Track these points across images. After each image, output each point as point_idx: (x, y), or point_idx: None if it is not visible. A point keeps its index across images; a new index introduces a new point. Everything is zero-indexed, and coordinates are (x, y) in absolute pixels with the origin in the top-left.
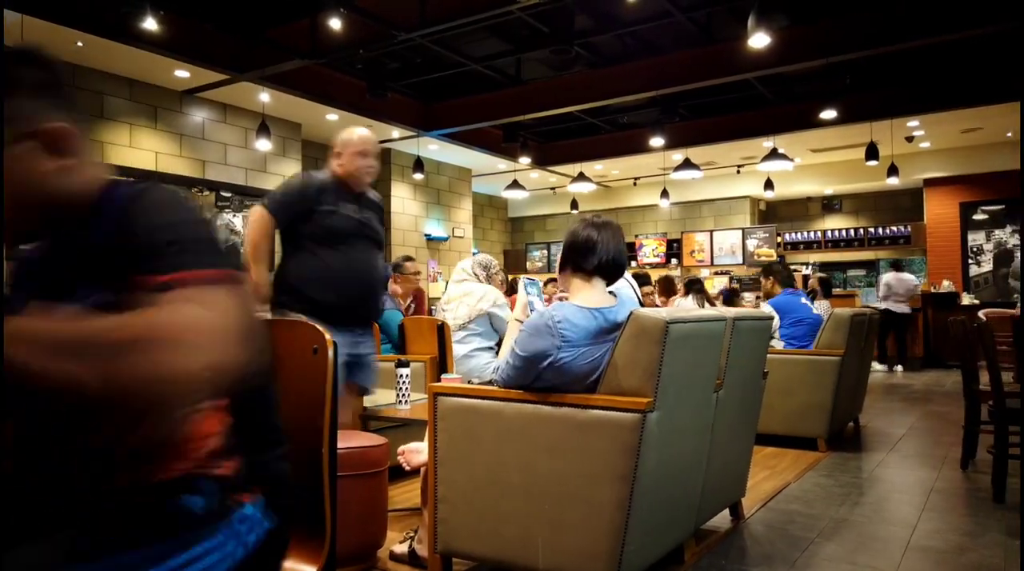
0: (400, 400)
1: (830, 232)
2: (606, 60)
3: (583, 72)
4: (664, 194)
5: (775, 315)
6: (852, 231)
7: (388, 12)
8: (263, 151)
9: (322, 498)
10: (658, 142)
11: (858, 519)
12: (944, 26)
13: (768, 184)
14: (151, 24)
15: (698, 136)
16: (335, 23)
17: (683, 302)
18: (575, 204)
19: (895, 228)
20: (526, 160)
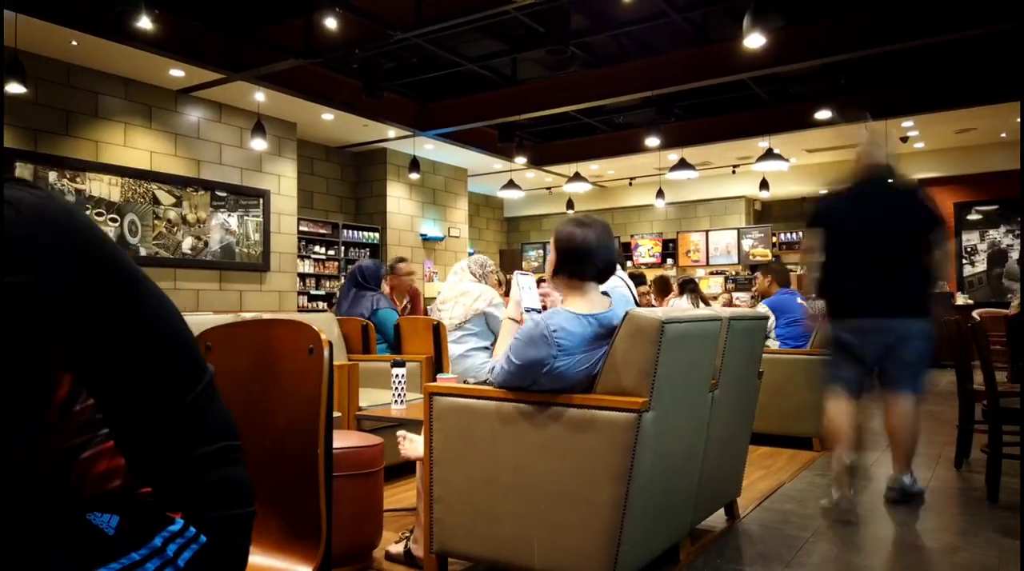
0: (396, 400)
1: None
2: (602, 60)
3: (579, 72)
4: (660, 194)
5: (771, 315)
6: None
7: (384, 11)
8: (258, 151)
9: (317, 498)
10: (654, 142)
11: (852, 518)
12: (940, 27)
13: (763, 184)
14: (146, 23)
15: (694, 136)
16: (330, 22)
17: (678, 302)
18: (571, 204)
19: None
20: (522, 160)
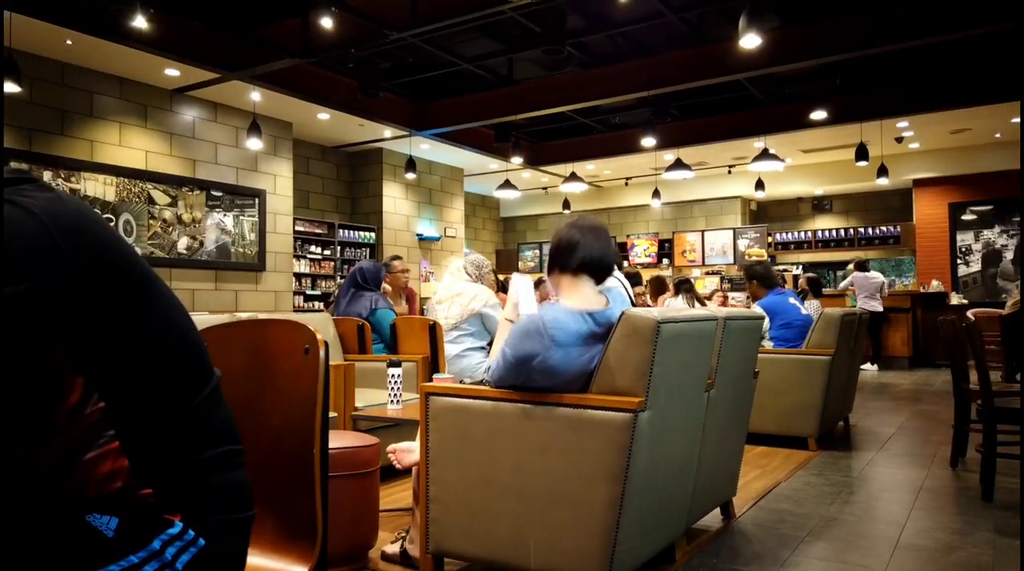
0: (392, 400)
1: (820, 232)
2: (598, 60)
3: (575, 72)
4: (656, 194)
5: (765, 316)
6: (842, 231)
7: (380, 11)
8: (254, 150)
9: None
10: (650, 142)
11: (848, 518)
12: (936, 27)
13: (759, 184)
14: (141, 22)
15: (689, 136)
16: (326, 22)
17: (673, 302)
18: (567, 204)
19: (885, 228)
20: (518, 160)
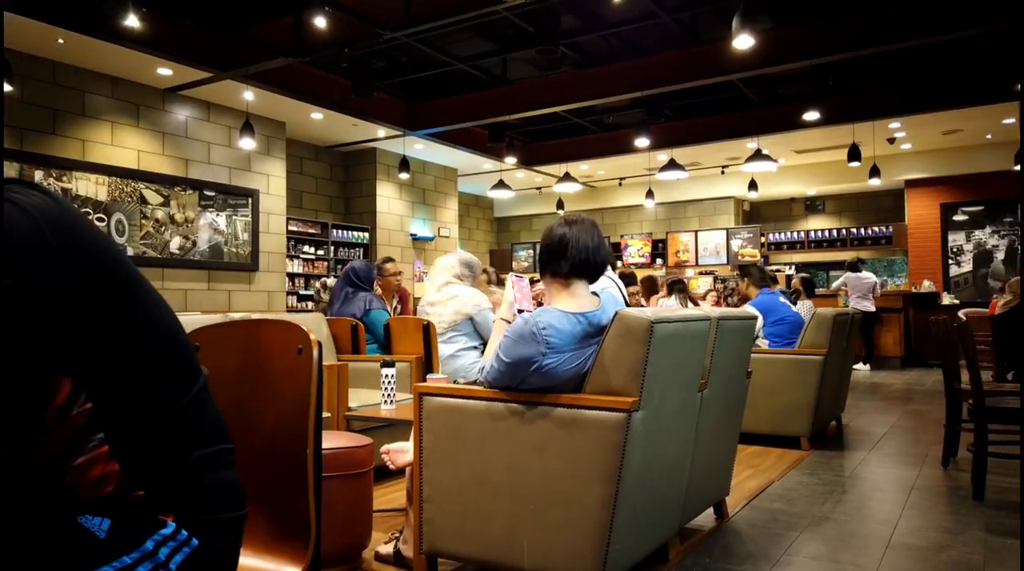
0: (385, 400)
1: (813, 232)
2: (592, 60)
3: (569, 72)
4: (649, 194)
5: (759, 315)
6: (835, 231)
7: (373, 11)
8: (247, 150)
9: (306, 499)
10: (643, 142)
11: (840, 517)
12: (929, 28)
13: (752, 185)
14: (133, 21)
15: (683, 137)
16: (320, 21)
17: (666, 302)
18: (561, 204)
19: (877, 229)
20: (512, 160)
